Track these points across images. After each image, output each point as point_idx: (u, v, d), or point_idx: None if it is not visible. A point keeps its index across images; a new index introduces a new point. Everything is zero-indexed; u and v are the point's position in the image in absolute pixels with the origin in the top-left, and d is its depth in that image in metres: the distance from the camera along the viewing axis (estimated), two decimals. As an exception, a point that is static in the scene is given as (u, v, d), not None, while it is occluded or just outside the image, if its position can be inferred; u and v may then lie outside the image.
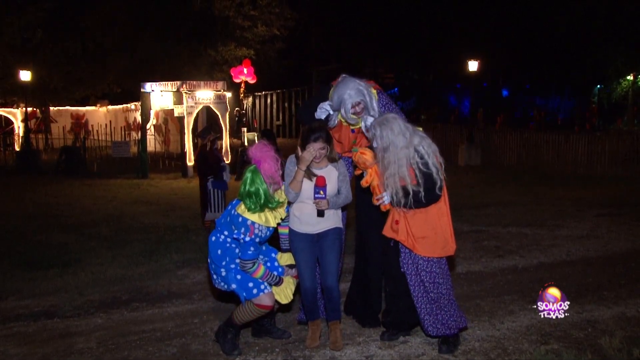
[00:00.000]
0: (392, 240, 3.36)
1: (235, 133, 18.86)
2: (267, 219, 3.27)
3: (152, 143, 18.35)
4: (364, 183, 3.37)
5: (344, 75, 3.66)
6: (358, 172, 3.45)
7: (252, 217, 3.22)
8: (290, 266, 3.49)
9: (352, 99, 3.51)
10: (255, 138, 14.63)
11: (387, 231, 3.37)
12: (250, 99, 24.88)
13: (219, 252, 3.35)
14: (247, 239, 3.19)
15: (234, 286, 3.34)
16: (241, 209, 3.26)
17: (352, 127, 3.73)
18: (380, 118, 3.29)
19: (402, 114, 3.74)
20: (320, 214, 3.34)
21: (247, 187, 3.20)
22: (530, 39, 23.23)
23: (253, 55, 18.93)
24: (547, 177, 12.15)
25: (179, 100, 12.89)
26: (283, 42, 20.53)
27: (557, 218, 7.59)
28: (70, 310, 4.32)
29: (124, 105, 22.51)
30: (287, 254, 3.55)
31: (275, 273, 3.42)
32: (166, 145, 19.02)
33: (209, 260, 3.43)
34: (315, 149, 3.29)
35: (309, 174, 3.36)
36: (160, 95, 12.90)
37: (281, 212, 3.37)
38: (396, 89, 25.70)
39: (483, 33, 23.72)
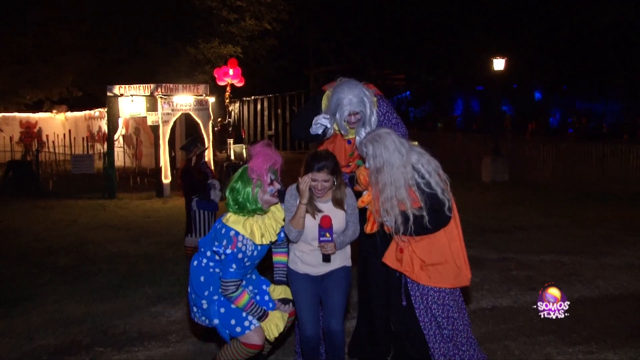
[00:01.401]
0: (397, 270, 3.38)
1: (218, 145, 18.91)
2: (253, 232, 3.31)
3: (121, 157, 18.37)
4: (360, 203, 3.41)
5: (341, 78, 3.72)
6: (358, 188, 3.49)
7: (236, 225, 3.28)
8: (284, 301, 3.50)
9: (352, 106, 3.57)
10: (243, 151, 14.72)
11: (390, 260, 3.40)
12: (237, 104, 25.06)
13: (202, 279, 3.39)
14: (229, 251, 3.24)
15: (216, 321, 3.36)
16: (225, 217, 3.35)
17: (347, 138, 3.78)
18: (371, 134, 3.34)
19: (403, 125, 3.82)
20: (326, 258, 3.37)
21: (232, 182, 3.33)
22: (568, 31, 23.39)
23: (240, 53, 19.12)
24: (590, 195, 12.17)
25: (152, 107, 12.97)
26: (275, 39, 20.74)
27: (602, 244, 7.60)
28: (15, 359, 4.28)
29: (87, 111, 22.62)
30: (281, 286, 3.56)
31: (264, 308, 3.43)
32: (137, 160, 19.06)
33: (189, 289, 3.46)
34: (317, 179, 3.32)
35: (313, 209, 3.38)
36: (131, 100, 12.98)
37: (270, 231, 3.40)
38: (408, 92, 25.88)
39: (510, 25, 23.92)
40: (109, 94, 12.95)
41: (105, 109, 14.07)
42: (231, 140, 15.98)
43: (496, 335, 4.48)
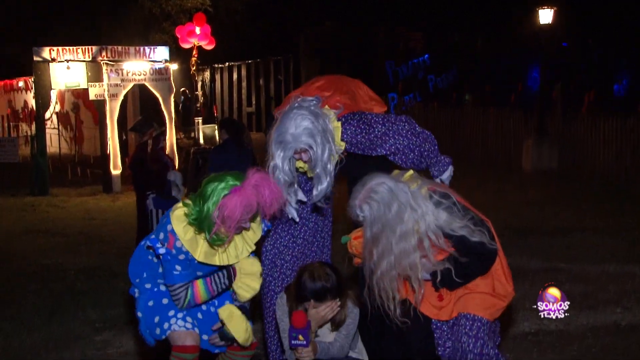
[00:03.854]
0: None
1: (183, 126, 18.83)
2: (193, 243, 3.22)
3: (55, 141, 18.34)
4: None
5: (297, 96, 3.62)
6: (358, 262, 3.44)
7: (176, 223, 3.21)
8: (222, 336, 3.44)
9: (297, 143, 3.43)
10: (215, 133, 14.66)
11: (426, 308, 3.39)
12: (208, 73, 25.01)
13: (140, 261, 3.48)
14: (162, 250, 3.20)
15: (139, 314, 3.42)
16: (177, 205, 3.33)
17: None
18: (363, 190, 3.07)
19: (391, 133, 3.69)
20: None
21: (213, 179, 3.18)
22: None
23: (209, 6, 19.02)
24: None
25: (96, 76, 12.91)
26: (255, -13, 20.65)
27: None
28: None
29: (6, 81, 22.49)
30: (231, 311, 3.45)
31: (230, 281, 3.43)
32: (77, 145, 19.04)
33: None
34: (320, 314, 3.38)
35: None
36: (66, 66, 12.90)
37: (230, 251, 3.33)
38: (426, 55, 25.74)
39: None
40: (36, 58, 12.80)
41: (32, 78, 13.97)
42: (200, 120, 15.93)
43: (542, 369, 4.50)
